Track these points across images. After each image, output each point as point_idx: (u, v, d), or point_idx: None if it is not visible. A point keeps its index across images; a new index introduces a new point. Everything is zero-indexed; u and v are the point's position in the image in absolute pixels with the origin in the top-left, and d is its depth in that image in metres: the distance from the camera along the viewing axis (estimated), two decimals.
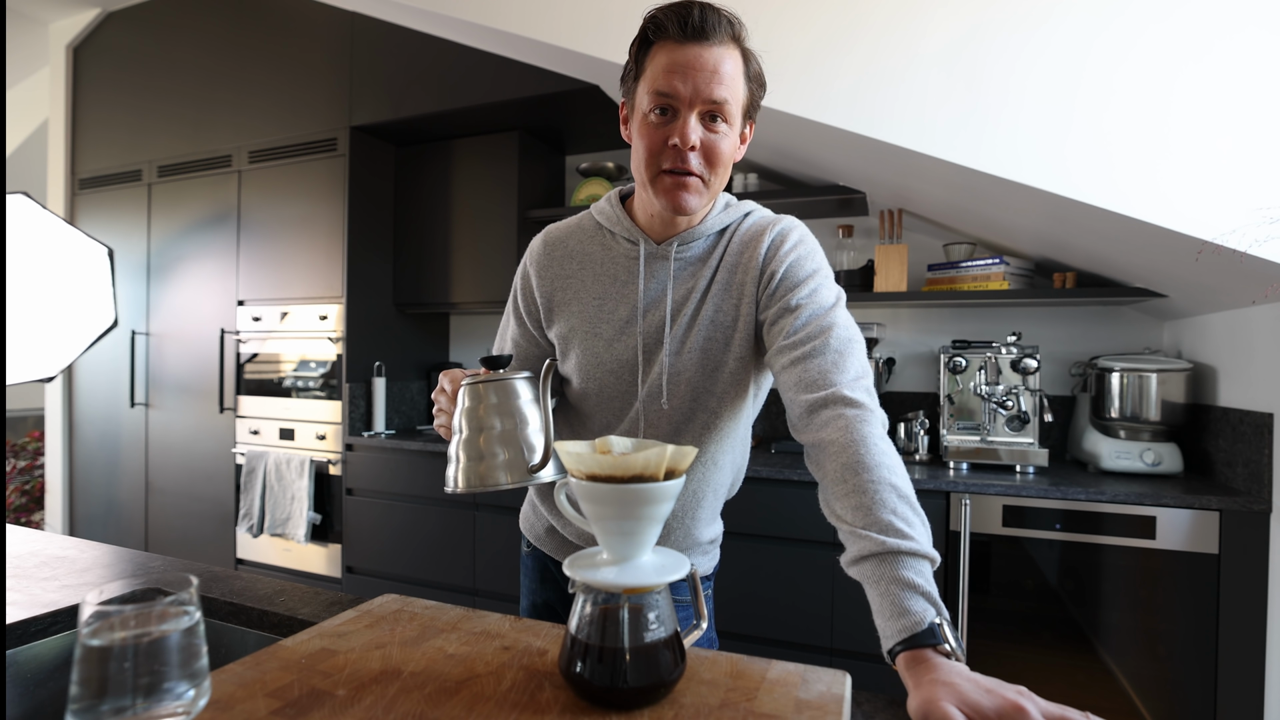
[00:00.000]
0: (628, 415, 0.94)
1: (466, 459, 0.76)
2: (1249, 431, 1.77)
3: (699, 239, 0.92)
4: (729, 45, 0.81)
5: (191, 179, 3.14)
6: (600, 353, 0.93)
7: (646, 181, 0.86)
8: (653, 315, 0.91)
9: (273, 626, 0.88)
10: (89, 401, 3.44)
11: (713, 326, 0.90)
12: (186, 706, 0.48)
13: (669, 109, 0.81)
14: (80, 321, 2.71)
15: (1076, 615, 1.80)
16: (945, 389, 2.22)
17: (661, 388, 0.90)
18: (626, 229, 0.93)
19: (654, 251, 0.92)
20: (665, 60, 0.81)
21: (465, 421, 0.78)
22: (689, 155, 0.82)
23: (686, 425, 0.93)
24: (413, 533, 2.58)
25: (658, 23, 0.81)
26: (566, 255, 0.97)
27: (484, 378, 0.79)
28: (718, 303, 0.90)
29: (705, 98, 0.80)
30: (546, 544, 1.06)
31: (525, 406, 0.78)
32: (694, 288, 0.91)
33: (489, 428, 0.76)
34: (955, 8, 1.63)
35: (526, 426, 0.77)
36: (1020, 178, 1.61)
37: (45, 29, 3.59)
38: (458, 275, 2.83)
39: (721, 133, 0.83)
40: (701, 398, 0.91)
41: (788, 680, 0.62)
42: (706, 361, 0.90)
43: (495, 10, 1.99)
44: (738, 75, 0.82)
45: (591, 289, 0.94)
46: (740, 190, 2.54)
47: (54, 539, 1.19)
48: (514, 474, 0.75)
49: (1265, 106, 1.43)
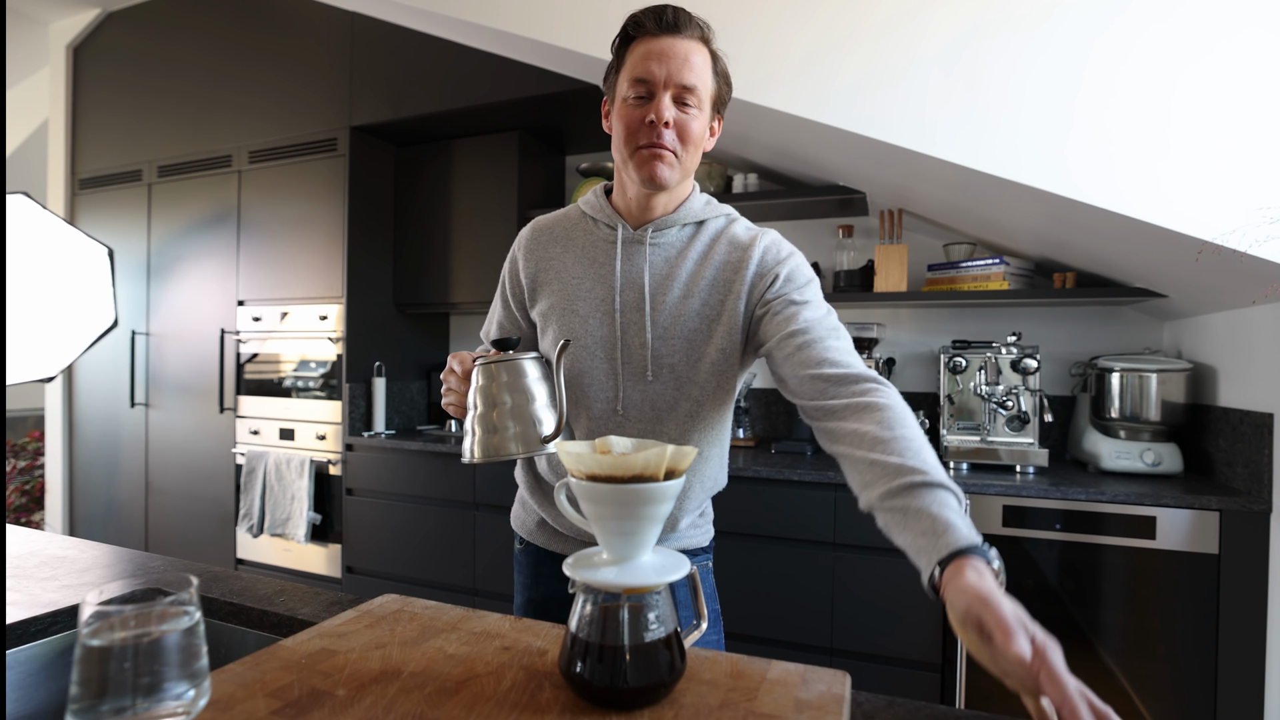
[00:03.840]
0: (606, 395, 0.97)
1: (482, 432, 0.83)
2: (1249, 431, 1.77)
3: (674, 226, 0.98)
4: (698, 41, 0.92)
5: (191, 179, 3.14)
6: (576, 329, 0.97)
7: (626, 158, 0.93)
8: (629, 295, 0.96)
9: (273, 626, 0.88)
10: (89, 401, 3.44)
11: (698, 318, 0.95)
12: (186, 706, 0.48)
13: (646, 93, 0.90)
14: (80, 321, 2.71)
15: (1077, 615, 1.80)
16: (945, 389, 2.22)
17: (646, 364, 0.95)
18: (607, 215, 1.00)
19: (630, 236, 0.98)
20: (642, 50, 0.91)
21: (480, 398, 0.85)
22: (664, 131, 0.90)
23: (670, 413, 0.96)
24: (413, 533, 2.58)
25: (636, 21, 0.92)
26: (551, 239, 1.04)
27: (496, 358, 0.86)
28: (704, 296, 0.95)
29: (677, 81, 0.89)
30: (538, 537, 1.07)
31: (534, 384, 0.86)
32: (673, 276, 0.96)
33: (501, 403, 0.84)
34: (955, 7, 1.63)
35: (535, 402, 0.85)
36: (1020, 178, 1.61)
37: (45, 29, 3.59)
38: (458, 275, 2.83)
39: (692, 114, 0.91)
40: (685, 386, 0.95)
41: (788, 680, 0.62)
42: (691, 350, 0.95)
43: (495, 10, 1.99)
44: (706, 67, 0.92)
45: (572, 269, 1.00)
46: (740, 190, 2.54)
47: (54, 539, 1.19)
48: (526, 445, 0.82)
49: (1266, 107, 1.43)
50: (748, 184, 2.54)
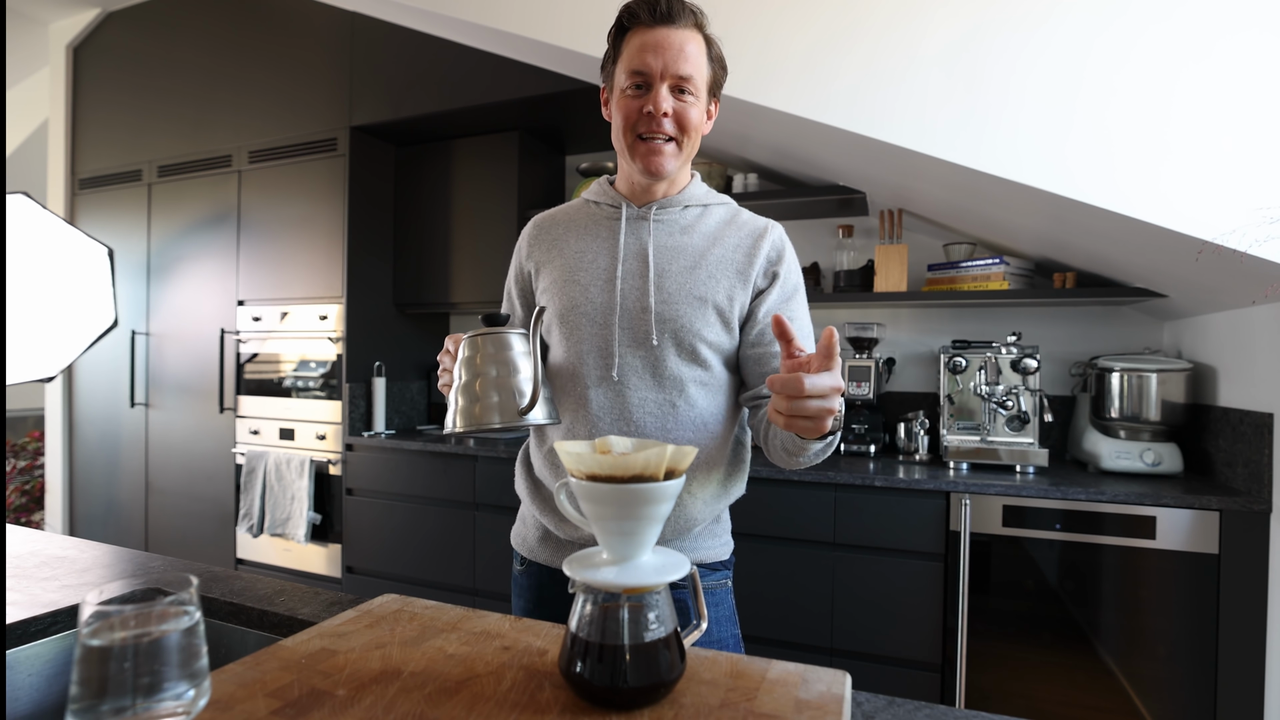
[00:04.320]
0: (602, 362, 0.96)
1: (464, 401, 0.85)
2: (1249, 431, 1.77)
3: (677, 206, 1.01)
4: (693, 29, 0.93)
5: (191, 179, 3.14)
6: (577, 298, 0.98)
7: (626, 148, 0.96)
8: (631, 264, 0.98)
9: (273, 626, 0.88)
10: (89, 401, 3.44)
11: (705, 288, 0.96)
12: (186, 707, 0.48)
13: (643, 84, 0.93)
14: (80, 321, 2.71)
15: (1076, 615, 1.80)
16: (945, 389, 2.22)
17: (650, 328, 0.95)
18: (611, 198, 1.03)
19: (635, 213, 1.01)
20: (638, 42, 0.92)
21: (463, 369, 0.87)
22: (663, 121, 0.92)
23: (673, 380, 0.95)
24: (413, 533, 2.58)
25: (631, 11, 0.93)
26: (554, 224, 1.07)
27: (481, 331, 0.88)
28: (711, 270, 0.97)
29: (674, 72, 0.91)
30: (540, 554, 1.03)
31: (517, 357, 0.87)
32: (680, 248, 0.98)
33: (484, 374, 0.85)
34: (956, 8, 1.63)
35: (517, 374, 0.86)
36: (1021, 178, 1.61)
37: (45, 29, 3.59)
38: (458, 275, 2.83)
39: (689, 102, 0.94)
40: (689, 352, 0.95)
41: (788, 680, 0.62)
42: (697, 316, 0.95)
43: (495, 10, 1.99)
44: (701, 55, 0.94)
45: (574, 245, 1.02)
46: (740, 190, 2.54)
47: (54, 539, 1.19)
48: (505, 415, 0.84)
49: (1266, 107, 1.43)
50: (748, 184, 2.54)
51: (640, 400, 0.94)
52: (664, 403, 0.94)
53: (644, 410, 0.94)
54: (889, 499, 1.94)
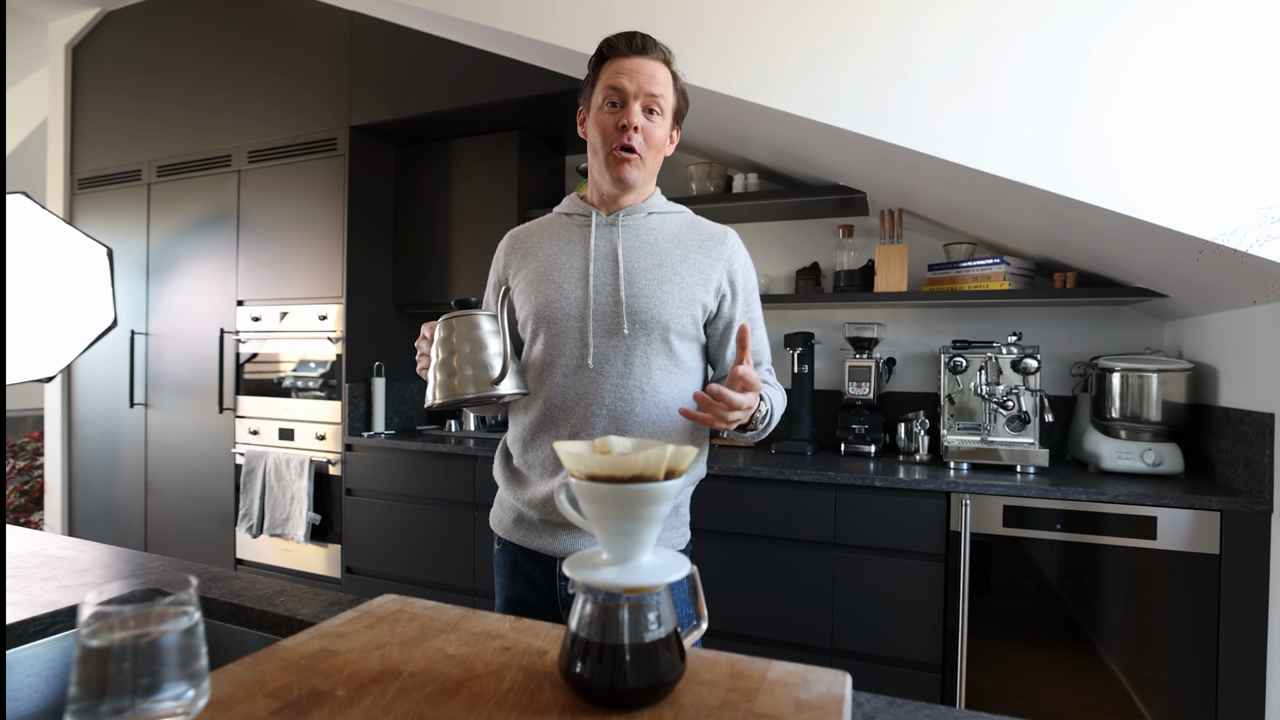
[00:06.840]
0: (577, 351, 1.07)
1: (442, 376, 0.96)
2: (1250, 432, 1.77)
3: (642, 213, 1.13)
4: (662, 63, 1.08)
5: (191, 179, 3.14)
6: (551, 295, 1.09)
7: (601, 159, 1.09)
8: (602, 264, 1.09)
9: (272, 627, 0.88)
10: (88, 401, 3.44)
11: (671, 283, 1.08)
12: (186, 707, 0.48)
13: (619, 100, 1.06)
14: (80, 321, 2.70)
15: (1077, 615, 1.80)
16: (945, 389, 2.22)
17: (621, 320, 1.06)
18: (581, 208, 1.15)
19: (604, 220, 1.13)
20: (615, 68, 1.07)
21: (439, 349, 0.98)
22: (634, 135, 1.05)
23: (644, 366, 1.06)
24: (412, 533, 2.58)
25: (610, 43, 1.09)
26: (528, 234, 1.19)
27: (453, 314, 1.00)
28: (676, 266, 1.09)
29: (646, 90, 1.06)
30: (514, 534, 1.14)
31: (487, 336, 0.99)
32: (647, 248, 1.10)
33: (459, 351, 0.97)
34: (957, 8, 1.63)
35: (487, 350, 0.98)
36: (1022, 178, 1.61)
37: (45, 29, 3.59)
38: (457, 275, 2.83)
39: (656, 122, 1.08)
40: (658, 340, 1.07)
41: (788, 680, 0.62)
42: (666, 306, 1.07)
43: (495, 10, 1.99)
44: (669, 84, 1.09)
45: (548, 250, 1.14)
46: (740, 189, 2.54)
47: (53, 539, 1.19)
48: (479, 386, 0.96)
49: (1267, 107, 1.43)
50: (748, 183, 2.54)
51: (613, 386, 1.05)
52: (633, 388, 1.05)
53: (615, 395, 1.05)
54: (889, 499, 1.94)
